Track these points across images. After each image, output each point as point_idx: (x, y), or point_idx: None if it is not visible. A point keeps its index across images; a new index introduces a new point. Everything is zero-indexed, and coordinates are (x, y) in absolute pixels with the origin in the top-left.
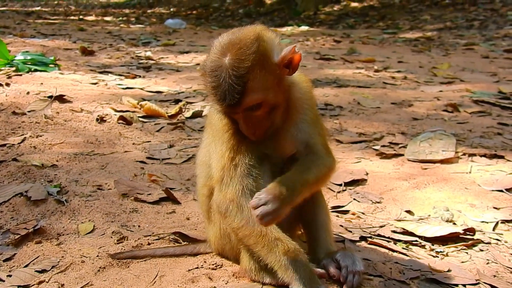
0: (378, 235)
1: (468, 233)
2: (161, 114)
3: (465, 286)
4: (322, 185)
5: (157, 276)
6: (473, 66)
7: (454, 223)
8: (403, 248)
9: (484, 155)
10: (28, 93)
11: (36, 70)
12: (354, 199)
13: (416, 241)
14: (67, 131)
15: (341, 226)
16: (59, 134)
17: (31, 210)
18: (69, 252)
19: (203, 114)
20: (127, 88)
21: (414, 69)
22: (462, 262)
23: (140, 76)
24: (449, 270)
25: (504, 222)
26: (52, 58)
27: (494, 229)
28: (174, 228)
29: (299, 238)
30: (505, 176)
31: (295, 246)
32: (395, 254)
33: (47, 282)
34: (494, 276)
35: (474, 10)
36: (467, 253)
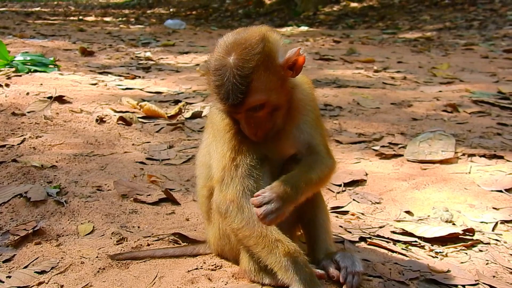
0: (378, 236)
1: (467, 233)
2: (160, 115)
3: (464, 286)
4: (323, 185)
5: (156, 277)
6: (472, 66)
7: (454, 224)
8: (403, 248)
9: (483, 155)
10: (27, 93)
11: (35, 71)
12: (354, 200)
13: (415, 241)
14: (67, 132)
15: (340, 226)
16: (59, 135)
17: (31, 211)
18: (68, 253)
19: (203, 114)
20: (127, 88)
21: (413, 69)
22: (462, 263)
23: (139, 76)
24: (448, 271)
25: (503, 222)
26: (51, 58)
27: (493, 229)
28: (174, 229)
29: (299, 239)
30: (504, 176)
31: (295, 247)
32: (395, 254)
33: (47, 283)
34: (494, 276)
35: (473, 10)
36: (467, 253)
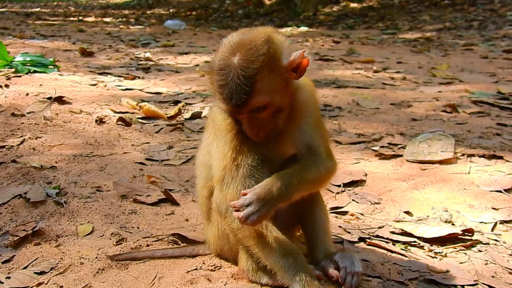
0: (377, 236)
1: (466, 233)
2: (160, 115)
3: (463, 286)
4: (321, 186)
5: (156, 277)
6: (472, 67)
7: (453, 224)
8: (402, 249)
9: (483, 156)
10: (27, 94)
11: (35, 72)
12: (353, 200)
13: (414, 242)
14: (66, 133)
15: (340, 227)
16: (58, 135)
17: (30, 212)
18: (68, 253)
19: (202, 115)
20: (126, 89)
21: (413, 69)
22: (461, 263)
23: (139, 77)
24: (447, 271)
25: (502, 222)
26: (51, 59)
27: (492, 229)
28: (173, 229)
29: (298, 239)
30: (503, 176)
31: (295, 248)
32: (394, 255)
33: (46, 284)
34: (493, 276)
35: (473, 11)
36: (466, 253)
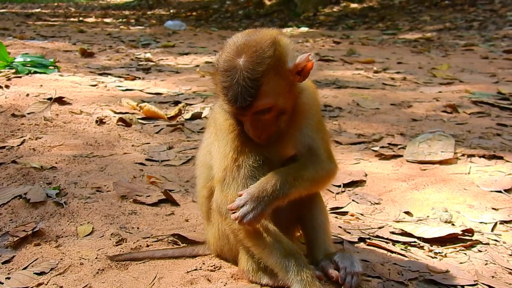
0: (377, 236)
1: (466, 234)
2: (160, 116)
3: (463, 287)
4: (320, 187)
5: (155, 278)
6: (472, 67)
7: (453, 224)
8: (402, 249)
9: (483, 156)
10: (27, 95)
11: (35, 72)
12: (353, 200)
13: (414, 242)
14: (66, 133)
15: (339, 227)
16: (58, 136)
17: (30, 212)
18: (68, 254)
19: (203, 115)
20: (127, 90)
21: (413, 70)
22: (461, 263)
23: (139, 77)
24: (447, 271)
25: (502, 223)
26: (51, 60)
27: (492, 230)
28: (173, 230)
29: (298, 239)
30: (504, 176)
31: (295, 248)
32: (394, 255)
33: (46, 285)
34: (493, 277)
35: (473, 11)
36: (466, 254)
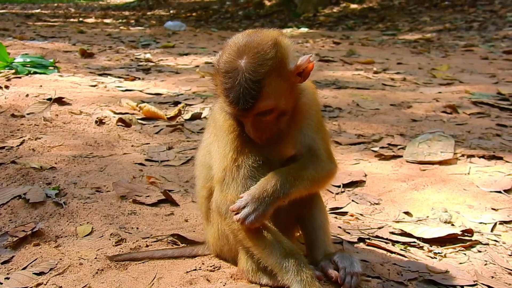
0: (376, 237)
1: (466, 234)
2: (160, 116)
3: (463, 287)
4: (320, 187)
5: (155, 278)
6: (472, 68)
7: (452, 224)
8: (401, 249)
9: (482, 157)
10: (27, 95)
11: (35, 73)
12: (353, 201)
13: (414, 242)
14: (66, 134)
15: (339, 227)
16: (58, 136)
17: (30, 213)
18: (67, 254)
19: (202, 116)
20: (126, 90)
21: (413, 70)
22: (460, 263)
23: (139, 78)
24: (447, 271)
25: (502, 223)
26: (51, 60)
27: (492, 230)
28: (173, 230)
29: (297, 240)
30: (503, 177)
31: (295, 248)
32: (393, 255)
33: (45, 285)
34: (492, 277)
35: (473, 12)
36: (465, 254)
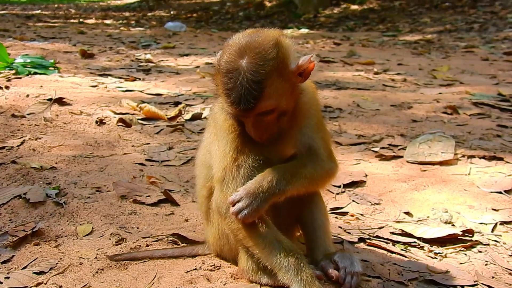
0: (377, 237)
1: (466, 234)
2: (160, 117)
3: (463, 287)
4: (320, 186)
5: (155, 277)
6: (472, 69)
7: (453, 225)
8: (402, 249)
9: (483, 157)
10: (27, 96)
11: (35, 73)
12: (353, 201)
13: (414, 242)
14: (66, 134)
15: (339, 227)
16: (58, 136)
17: (30, 212)
18: (67, 254)
19: (203, 116)
20: (127, 90)
21: (413, 71)
22: (461, 263)
23: (139, 78)
24: (447, 271)
25: (502, 223)
26: (52, 61)
27: (492, 230)
28: (173, 229)
29: (298, 239)
30: (504, 178)
31: (295, 248)
32: (394, 255)
33: (45, 284)
34: (493, 277)
35: (474, 13)
36: (466, 254)
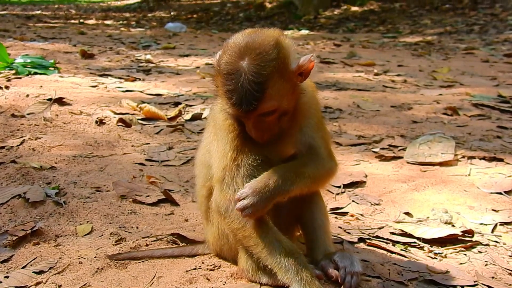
0: (377, 237)
1: (466, 235)
2: (160, 117)
3: (463, 287)
4: (320, 185)
5: (155, 277)
6: (473, 70)
7: (453, 225)
8: (402, 249)
9: (483, 158)
10: (27, 95)
11: (35, 73)
12: (353, 201)
13: (414, 242)
14: (66, 134)
15: (339, 227)
16: (58, 136)
17: (29, 212)
18: (67, 253)
19: (203, 116)
20: (127, 91)
21: (414, 72)
22: (461, 264)
23: (140, 79)
24: (447, 272)
25: (502, 224)
26: (52, 61)
27: (492, 231)
28: (173, 229)
29: (298, 239)
30: (504, 178)
31: (295, 248)
32: (394, 255)
33: (45, 283)
34: (493, 277)
35: (474, 15)
36: (466, 254)
